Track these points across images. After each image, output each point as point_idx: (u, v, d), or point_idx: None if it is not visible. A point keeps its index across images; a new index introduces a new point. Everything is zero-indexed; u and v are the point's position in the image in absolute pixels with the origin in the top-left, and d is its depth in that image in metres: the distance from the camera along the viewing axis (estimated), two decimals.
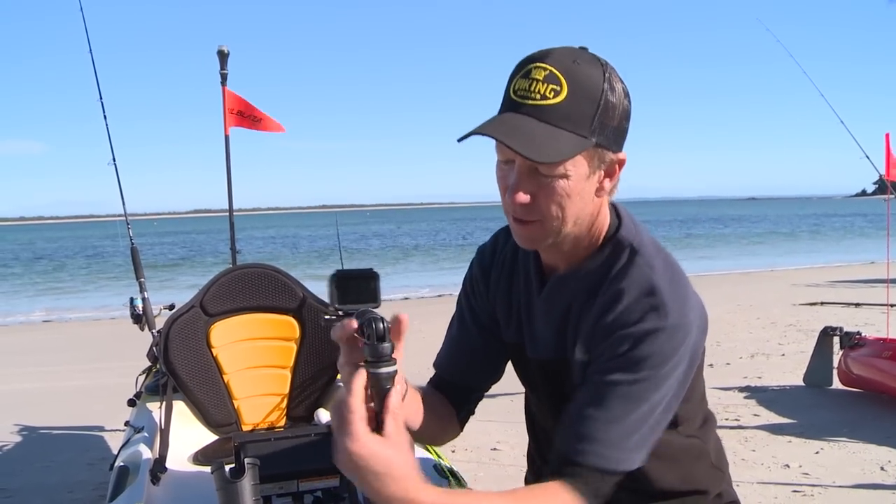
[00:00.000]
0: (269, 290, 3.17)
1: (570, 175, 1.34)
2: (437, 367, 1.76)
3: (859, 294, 11.81)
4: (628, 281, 1.41)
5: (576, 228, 1.42)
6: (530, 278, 1.59)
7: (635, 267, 1.42)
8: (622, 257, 1.45)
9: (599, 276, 1.46)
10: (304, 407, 3.21)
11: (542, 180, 1.34)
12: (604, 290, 1.44)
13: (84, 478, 4.80)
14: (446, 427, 1.70)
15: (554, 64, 1.32)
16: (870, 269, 17.20)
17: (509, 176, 1.37)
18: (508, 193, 1.36)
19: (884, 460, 4.61)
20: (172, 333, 3.03)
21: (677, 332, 1.36)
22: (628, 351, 1.35)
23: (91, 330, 12.85)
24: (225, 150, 5.30)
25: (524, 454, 1.92)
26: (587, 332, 1.44)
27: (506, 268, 1.66)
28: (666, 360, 1.35)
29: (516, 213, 1.38)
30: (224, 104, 5.27)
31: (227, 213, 5.39)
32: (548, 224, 1.38)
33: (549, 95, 1.31)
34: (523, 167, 1.34)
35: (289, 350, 3.19)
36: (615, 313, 1.39)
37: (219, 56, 5.19)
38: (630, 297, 1.39)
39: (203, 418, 3.09)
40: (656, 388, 1.35)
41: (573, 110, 1.31)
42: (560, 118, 1.31)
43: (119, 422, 3.44)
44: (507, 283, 1.66)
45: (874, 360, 5.89)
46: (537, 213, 1.37)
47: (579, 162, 1.34)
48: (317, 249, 38.32)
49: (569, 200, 1.35)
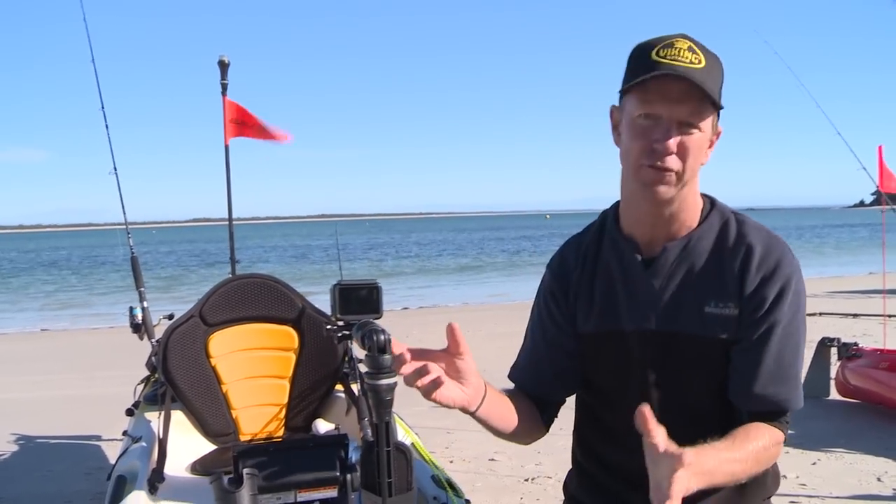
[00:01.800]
0: (267, 300, 3.18)
1: (704, 132, 1.55)
2: (514, 381, 1.83)
3: (857, 305, 11.79)
4: (752, 237, 1.62)
5: (689, 189, 1.60)
6: (627, 259, 1.69)
7: (750, 227, 1.64)
8: (732, 223, 1.65)
9: (720, 240, 1.64)
10: (303, 417, 3.21)
11: (683, 132, 1.52)
12: (731, 250, 1.62)
13: (82, 487, 4.79)
14: (531, 429, 1.77)
15: (691, 41, 1.54)
16: (868, 279, 17.19)
17: (653, 130, 1.52)
18: (659, 141, 1.51)
19: (881, 471, 4.62)
20: (171, 343, 3.04)
21: (801, 272, 1.62)
22: (784, 291, 1.57)
23: (90, 339, 12.82)
24: (225, 160, 5.31)
25: (522, 465, 1.92)
26: (732, 287, 1.60)
27: (587, 266, 1.76)
28: (804, 295, 1.62)
29: (663, 160, 1.52)
30: (224, 114, 5.29)
31: (226, 222, 5.40)
32: (683, 174, 1.55)
33: (694, 62, 1.51)
34: (673, 118, 1.51)
35: (287, 360, 3.20)
36: (756, 263, 1.59)
37: (219, 66, 5.21)
38: (762, 249, 1.60)
39: (201, 428, 3.09)
40: (805, 326, 1.62)
41: (709, 77, 1.52)
42: (705, 79, 1.50)
43: (117, 431, 3.44)
44: (589, 278, 1.75)
45: (871, 370, 5.90)
46: (679, 162, 1.53)
47: (708, 123, 1.55)
48: (317, 260, 38.31)
49: (699, 153, 1.55)
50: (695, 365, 1.63)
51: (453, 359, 1.42)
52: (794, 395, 1.59)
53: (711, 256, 1.63)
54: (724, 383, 1.63)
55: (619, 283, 1.69)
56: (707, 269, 1.62)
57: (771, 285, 1.57)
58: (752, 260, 1.59)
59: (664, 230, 1.64)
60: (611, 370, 1.73)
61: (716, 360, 1.62)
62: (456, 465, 4.82)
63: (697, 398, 1.66)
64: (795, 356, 1.60)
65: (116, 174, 4.73)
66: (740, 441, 1.50)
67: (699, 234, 1.64)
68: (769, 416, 1.58)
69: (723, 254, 1.62)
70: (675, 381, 1.65)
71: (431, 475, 2.39)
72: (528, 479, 4.54)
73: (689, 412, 1.65)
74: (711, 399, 1.65)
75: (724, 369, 1.63)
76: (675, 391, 1.65)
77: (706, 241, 1.64)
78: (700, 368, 1.64)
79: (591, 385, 1.79)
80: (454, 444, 5.26)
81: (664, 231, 1.64)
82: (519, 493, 4.38)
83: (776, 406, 1.58)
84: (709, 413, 1.65)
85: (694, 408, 1.66)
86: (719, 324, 1.60)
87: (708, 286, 1.61)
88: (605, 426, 1.78)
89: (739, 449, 1.49)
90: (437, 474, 2.41)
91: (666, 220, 1.63)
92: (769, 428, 1.56)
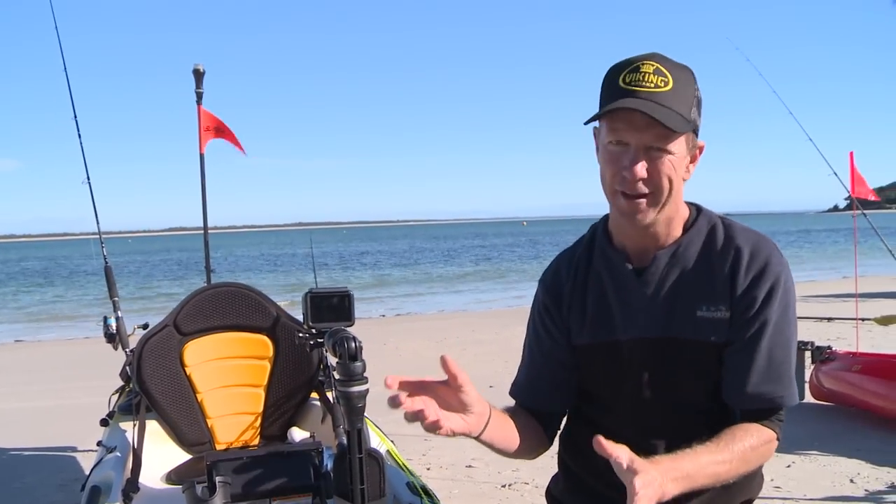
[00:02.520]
0: (242, 308, 3.17)
1: (675, 153, 1.55)
2: (515, 398, 1.84)
3: (831, 308, 11.93)
4: (740, 240, 1.65)
5: (672, 206, 1.62)
6: (617, 269, 1.71)
7: (737, 230, 1.67)
8: (719, 228, 1.68)
9: (709, 244, 1.67)
10: (278, 426, 3.21)
11: (653, 156, 1.54)
12: (720, 253, 1.65)
13: (56, 499, 4.75)
14: (536, 445, 1.79)
15: (658, 61, 1.56)
16: (842, 284, 17.39)
17: (622, 157, 1.55)
18: (627, 168, 1.54)
19: (853, 473, 4.67)
20: (146, 352, 3.02)
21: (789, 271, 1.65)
22: (773, 289, 1.60)
23: (64, 349, 12.70)
24: (200, 169, 5.30)
25: (499, 471, 1.94)
26: (722, 290, 1.63)
27: (579, 277, 1.78)
28: (794, 293, 1.65)
29: (632, 187, 1.55)
30: (199, 123, 5.28)
31: (201, 230, 5.38)
32: (657, 196, 1.57)
33: (660, 85, 1.53)
34: (640, 145, 1.54)
35: (262, 369, 3.19)
36: (745, 264, 1.62)
37: (194, 75, 5.19)
38: (751, 250, 1.63)
39: (176, 437, 3.08)
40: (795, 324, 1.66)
41: (678, 98, 1.54)
42: (671, 102, 1.53)
43: (91, 442, 3.42)
44: (581, 290, 1.77)
45: (844, 374, 5.96)
46: (650, 185, 1.56)
47: (681, 143, 1.56)
48: (293, 268, 38.16)
49: (674, 175, 1.56)
50: (688, 368, 1.65)
51: (453, 391, 1.43)
52: (787, 392, 1.62)
53: (701, 261, 1.65)
54: (719, 385, 1.65)
55: (611, 293, 1.72)
56: (697, 273, 1.65)
57: (761, 284, 1.60)
58: (742, 261, 1.62)
59: (653, 241, 1.67)
60: (606, 378, 1.74)
61: (709, 362, 1.64)
62: (433, 472, 4.82)
63: (692, 401, 1.68)
64: (787, 353, 1.63)
65: (90, 184, 4.70)
66: (725, 442, 1.52)
67: (688, 240, 1.67)
68: (762, 415, 1.60)
69: (712, 257, 1.65)
70: (668, 384, 1.67)
71: (407, 482, 2.40)
72: (506, 485, 4.54)
73: (683, 414, 1.67)
74: (706, 401, 1.67)
75: (717, 372, 1.65)
76: (670, 394, 1.67)
77: (695, 247, 1.66)
78: (693, 372, 1.65)
79: (587, 393, 1.80)
80: (431, 452, 5.26)
81: (653, 242, 1.67)
82: (496, 499, 4.38)
83: (769, 404, 1.60)
84: (704, 415, 1.67)
85: (688, 410, 1.68)
86: (711, 327, 1.62)
87: (699, 290, 1.64)
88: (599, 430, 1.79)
89: (723, 451, 1.51)
90: (412, 481, 2.41)
91: (652, 234, 1.65)
92: (758, 427, 1.58)
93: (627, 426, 1.70)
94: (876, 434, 5.43)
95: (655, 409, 1.68)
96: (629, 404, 1.72)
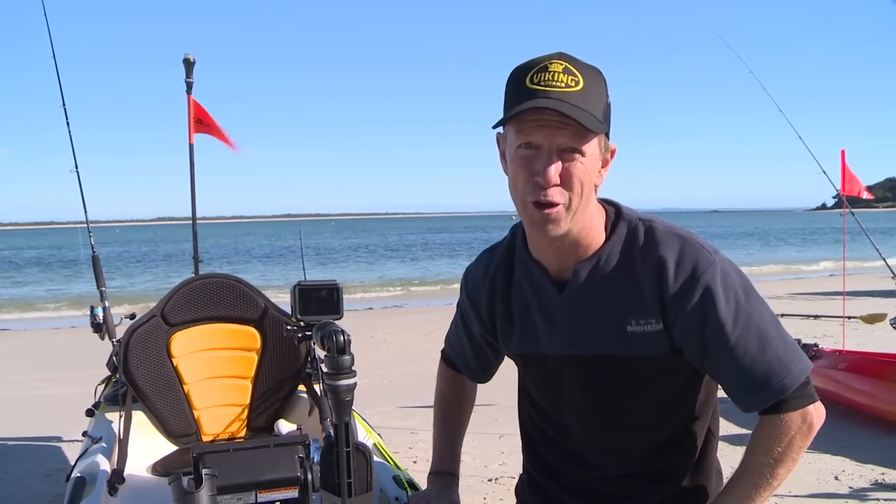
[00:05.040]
0: (230, 300, 3.16)
1: (587, 155, 1.47)
2: (446, 354, 1.98)
3: (818, 306, 12.00)
4: (663, 245, 1.54)
5: (586, 214, 1.53)
6: (539, 285, 1.65)
7: (658, 234, 1.56)
8: (640, 233, 1.57)
9: (627, 257, 1.56)
10: (265, 418, 3.20)
11: (566, 158, 1.45)
12: (642, 261, 1.55)
13: (40, 489, 4.73)
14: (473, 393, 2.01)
15: (567, 61, 1.47)
16: (829, 281, 17.48)
17: (535, 161, 1.46)
18: (540, 173, 1.45)
19: (838, 470, 4.70)
20: (132, 343, 3.01)
21: (725, 261, 1.54)
22: (711, 291, 1.49)
23: (50, 339, 12.63)
24: (189, 159, 5.27)
25: (485, 465, 1.94)
26: (651, 302, 1.53)
27: (500, 288, 1.73)
28: (741, 279, 1.54)
29: (546, 194, 1.46)
30: (189, 112, 5.25)
31: (190, 220, 5.36)
32: (570, 204, 1.48)
33: (571, 84, 1.44)
34: (553, 147, 1.45)
35: (250, 361, 3.18)
36: (672, 273, 1.51)
37: (184, 64, 5.16)
38: (675, 256, 1.52)
39: (163, 429, 3.07)
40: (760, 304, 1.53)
41: (589, 98, 1.46)
42: (583, 102, 1.44)
43: (77, 432, 3.41)
44: (504, 302, 1.72)
45: (831, 371, 5.99)
46: (565, 190, 1.47)
47: (594, 145, 1.48)
48: (280, 258, 38.07)
49: (587, 178, 1.48)
50: (629, 384, 1.59)
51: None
52: (790, 370, 1.50)
53: (624, 271, 1.56)
54: (665, 398, 1.61)
55: (535, 308, 1.66)
56: (621, 285, 1.55)
57: (695, 292, 1.49)
58: (668, 270, 1.51)
59: (571, 254, 1.58)
60: (543, 388, 1.72)
61: (651, 376, 1.58)
62: (420, 465, 4.81)
63: (640, 414, 1.62)
64: (764, 342, 1.50)
65: (78, 172, 4.67)
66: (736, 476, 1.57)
67: (609, 250, 1.57)
68: (775, 409, 1.52)
69: (635, 266, 1.55)
70: (611, 400, 1.62)
71: (393, 475, 2.39)
72: (492, 479, 4.54)
73: (634, 427, 1.63)
74: (657, 412, 1.62)
75: (665, 383, 1.59)
76: (614, 410, 1.62)
77: (615, 257, 1.57)
78: (635, 387, 1.59)
79: (531, 398, 1.78)
80: (418, 445, 5.26)
81: (571, 255, 1.58)
82: (482, 493, 4.38)
83: (774, 397, 1.50)
84: (657, 425, 1.63)
85: (639, 423, 1.63)
86: (643, 341, 1.54)
87: (626, 304, 1.55)
88: (548, 436, 1.76)
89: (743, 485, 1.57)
90: (398, 475, 2.41)
91: (568, 246, 1.57)
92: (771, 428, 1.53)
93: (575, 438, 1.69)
94: (861, 431, 5.47)
95: (597, 422, 1.64)
96: (572, 417, 1.68)
